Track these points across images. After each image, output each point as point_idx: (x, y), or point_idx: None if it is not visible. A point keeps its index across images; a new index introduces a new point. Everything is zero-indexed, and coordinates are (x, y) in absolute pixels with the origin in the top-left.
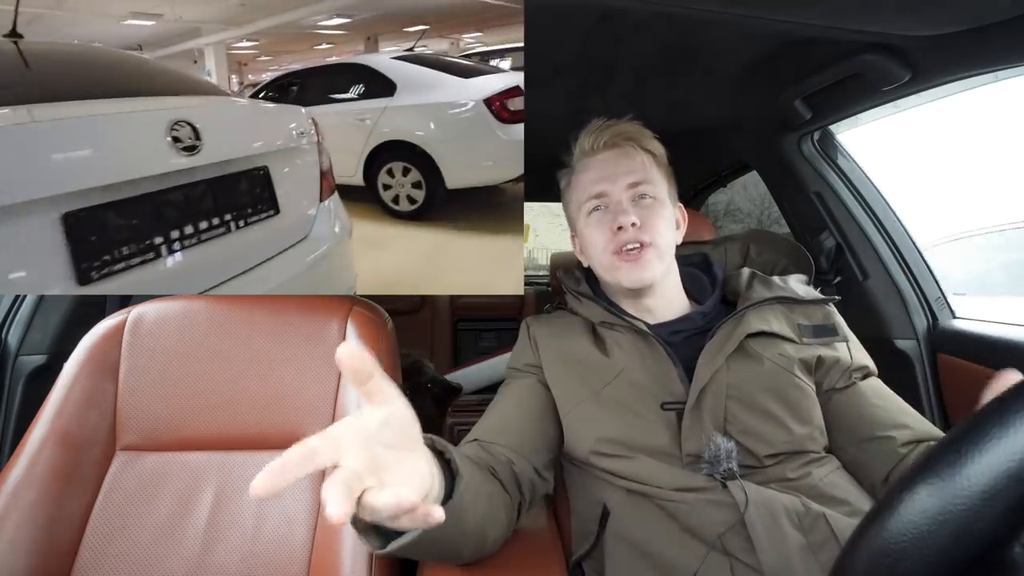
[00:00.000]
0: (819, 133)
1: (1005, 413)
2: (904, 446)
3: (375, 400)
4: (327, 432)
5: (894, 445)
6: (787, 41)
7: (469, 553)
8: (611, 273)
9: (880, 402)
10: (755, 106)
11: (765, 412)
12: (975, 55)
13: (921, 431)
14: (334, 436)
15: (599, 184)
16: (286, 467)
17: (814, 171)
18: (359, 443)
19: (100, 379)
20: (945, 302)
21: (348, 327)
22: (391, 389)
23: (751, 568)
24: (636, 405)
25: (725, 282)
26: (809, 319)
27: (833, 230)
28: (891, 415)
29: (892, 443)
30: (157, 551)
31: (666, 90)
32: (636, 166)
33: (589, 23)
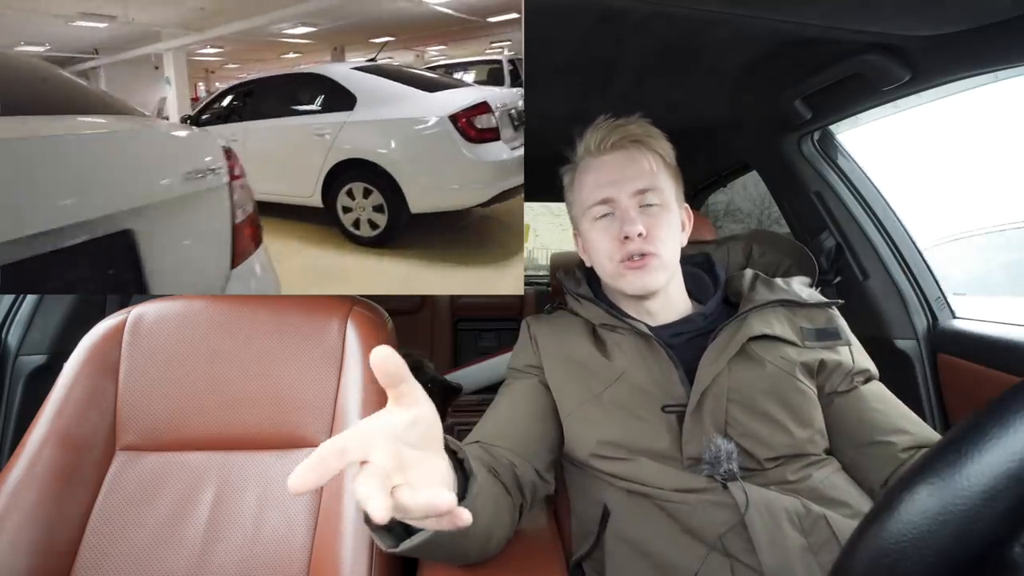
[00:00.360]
0: (819, 133)
1: (1005, 413)
2: (904, 451)
3: (404, 402)
4: (358, 427)
5: (894, 450)
6: (787, 41)
7: (475, 554)
8: (615, 280)
9: (881, 407)
10: (755, 106)
11: (766, 415)
12: (975, 55)
13: (921, 436)
14: (364, 432)
15: (605, 189)
16: (324, 461)
17: (814, 171)
18: (387, 440)
19: (100, 379)
20: (945, 302)
21: (348, 327)
22: (420, 392)
23: (751, 569)
24: (637, 408)
25: (727, 283)
26: (812, 322)
27: (833, 230)
28: (892, 420)
29: (892, 448)
30: (157, 551)
31: (666, 90)
32: (644, 171)
33: (589, 23)
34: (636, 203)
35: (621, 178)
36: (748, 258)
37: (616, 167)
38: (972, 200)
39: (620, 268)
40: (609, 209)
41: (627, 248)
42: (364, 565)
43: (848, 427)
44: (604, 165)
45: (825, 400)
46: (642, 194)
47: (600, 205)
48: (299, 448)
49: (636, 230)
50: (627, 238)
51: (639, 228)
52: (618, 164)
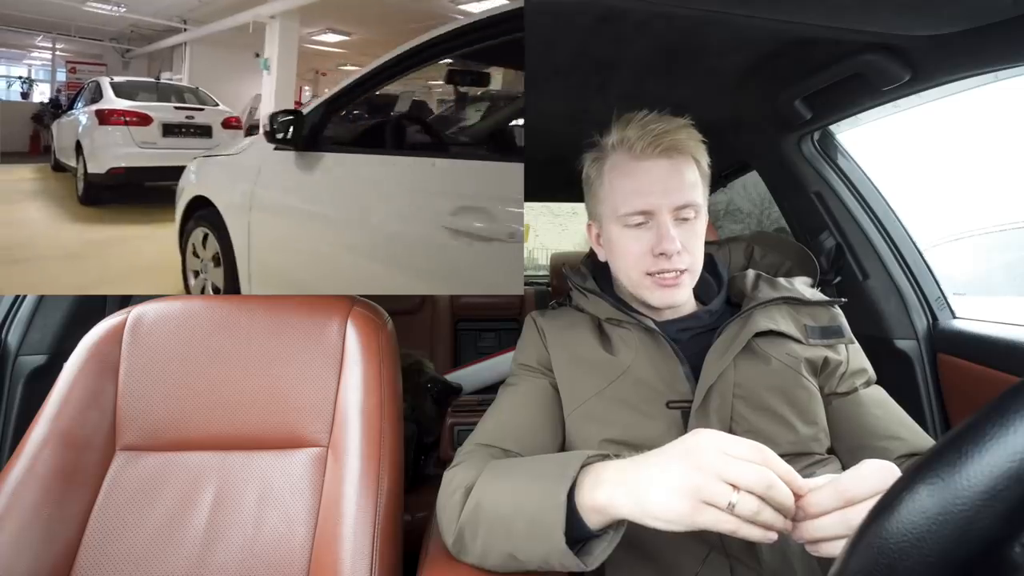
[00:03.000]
0: (819, 133)
1: (1005, 413)
2: (898, 459)
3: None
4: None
5: (888, 457)
6: (787, 41)
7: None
8: (638, 289)
9: (879, 412)
10: (755, 106)
11: (771, 412)
12: (975, 55)
13: (915, 444)
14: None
15: (646, 199)
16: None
17: (814, 171)
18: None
19: (100, 379)
20: (945, 302)
21: (348, 327)
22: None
23: (751, 569)
24: (642, 404)
25: (729, 284)
26: (815, 320)
27: (833, 230)
28: (888, 425)
29: (885, 455)
30: (157, 551)
31: (666, 90)
32: (686, 184)
33: (589, 23)
34: (674, 217)
35: (663, 190)
36: (749, 259)
37: (659, 179)
38: (972, 200)
39: (647, 281)
40: (645, 220)
41: (661, 264)
42: (364, 565)
43: (843, 430)
44: (646, 173)
45: (824, 400)
46: (683, 209)
47: (636, 215)
48: (299, 448)
49: (675, 248)
50: (663, 254)
51: (678, 247)
52: (661, 175)
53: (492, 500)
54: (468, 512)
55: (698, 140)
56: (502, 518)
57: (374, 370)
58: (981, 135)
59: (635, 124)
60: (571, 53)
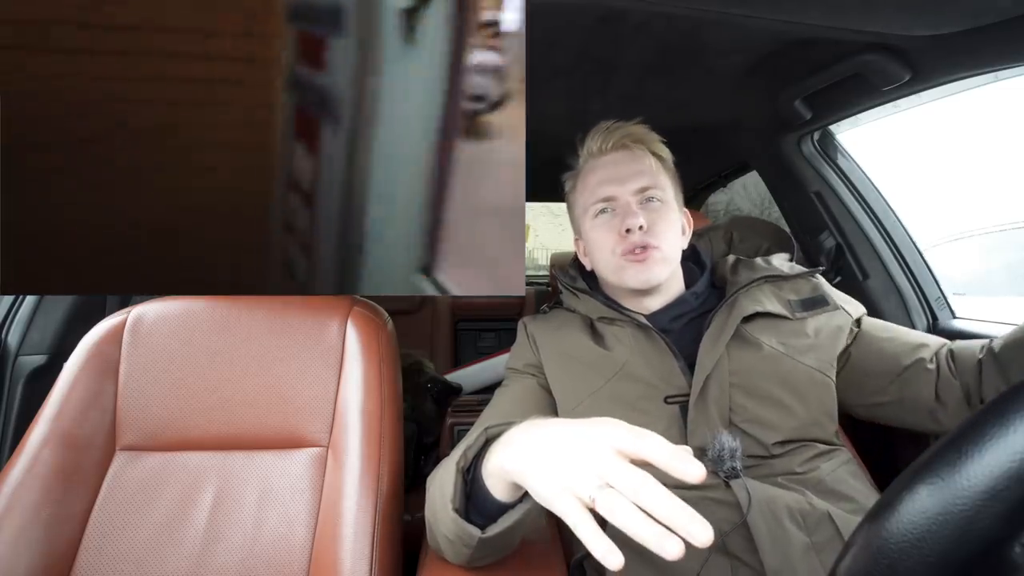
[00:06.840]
0: (819, 133)
1: (1005, 413)
2: (931, 363)
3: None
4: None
5: (924, 364)
6: (787, 41)
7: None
8: (617, 275)
9: (888, 335)
10: (755, 106)
11: (769, 398)
12: (975, 55)
13: (933, 341)
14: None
15: (607, 187)
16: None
17: (814, 171)
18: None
19: (100, 379)
20: (945, 302)
21: (348, 327)
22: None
23: (753, 569)
24: (639, 401)
25: (713, 270)
26: (798, 294)
27: (833, 230)
28: (905, 340)
29: (922, 363)
30: (157, 551)
31: (666, 90)
32: (644, 169)
33: (589, 23)
34: (637, 200)
35: (623, 175)
36: (730, 244)
37: (618, 166)
38: (972, 200)
39: (621, 261)
40: (610, 206)
41: (629, 240)
42: (364, 565)
43: (876, 368)
44: (605, 165)
45: (840, 361)
46: (643, 191)
47: (602, 202)
48: (299, 448)
49: (637, 222)
50: (628, 231)
51: (640, 221)
52: (620, 163)
53: (431, 491)
54: (427, 506)
55: (652, 134)
56: (431, 502)
57: (374, 370)
58: (981, 135)
59: (594, 132)
60: (571, 53)
